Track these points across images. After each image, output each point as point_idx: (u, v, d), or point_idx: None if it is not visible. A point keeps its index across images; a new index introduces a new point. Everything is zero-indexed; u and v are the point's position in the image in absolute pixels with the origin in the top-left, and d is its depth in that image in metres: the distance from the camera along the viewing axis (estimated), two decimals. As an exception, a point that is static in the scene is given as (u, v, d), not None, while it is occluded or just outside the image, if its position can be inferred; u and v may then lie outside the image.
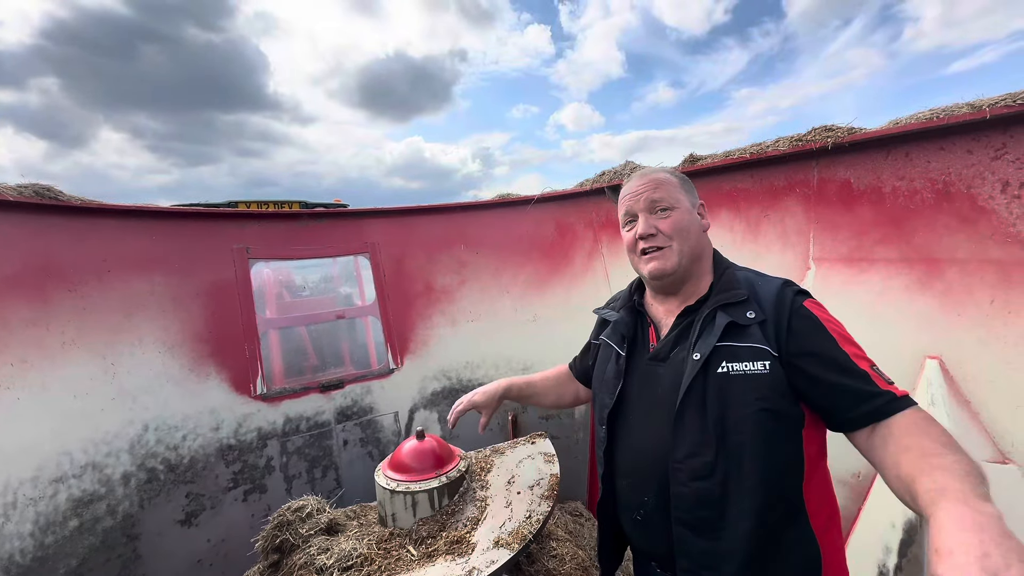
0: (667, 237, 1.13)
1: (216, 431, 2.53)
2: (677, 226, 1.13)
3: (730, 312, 1.05)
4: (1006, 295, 1.59)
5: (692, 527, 1.03)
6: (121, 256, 2.42)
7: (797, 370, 0.98)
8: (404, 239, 3.34)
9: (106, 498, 2.19)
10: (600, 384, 1.29)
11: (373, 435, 3.02)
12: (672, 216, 1.14)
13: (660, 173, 1.20)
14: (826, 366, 0.96)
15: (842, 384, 0.95)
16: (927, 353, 1.76)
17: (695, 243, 1.15)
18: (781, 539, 1.00)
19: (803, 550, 1.01)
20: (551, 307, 3.41)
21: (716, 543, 1.00)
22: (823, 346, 0.98)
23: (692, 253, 1.15)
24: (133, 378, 2.35)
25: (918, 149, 1.79)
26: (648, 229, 1.14)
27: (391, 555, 1.49)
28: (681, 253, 1.13)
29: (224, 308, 2.68)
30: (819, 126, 2.03)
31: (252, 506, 2.58)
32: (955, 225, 1.71)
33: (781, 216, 2.28)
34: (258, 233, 2.91)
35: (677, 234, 1.13)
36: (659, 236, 1.14)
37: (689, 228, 1.15)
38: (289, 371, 3.22)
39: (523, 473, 1.80)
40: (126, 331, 2.37)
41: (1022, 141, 1.54)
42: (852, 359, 0.96)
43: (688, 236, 1.14)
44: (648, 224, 1.14)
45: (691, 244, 1.14)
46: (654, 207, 1.15)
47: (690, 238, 1.14)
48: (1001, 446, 1.59)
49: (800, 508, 1.01)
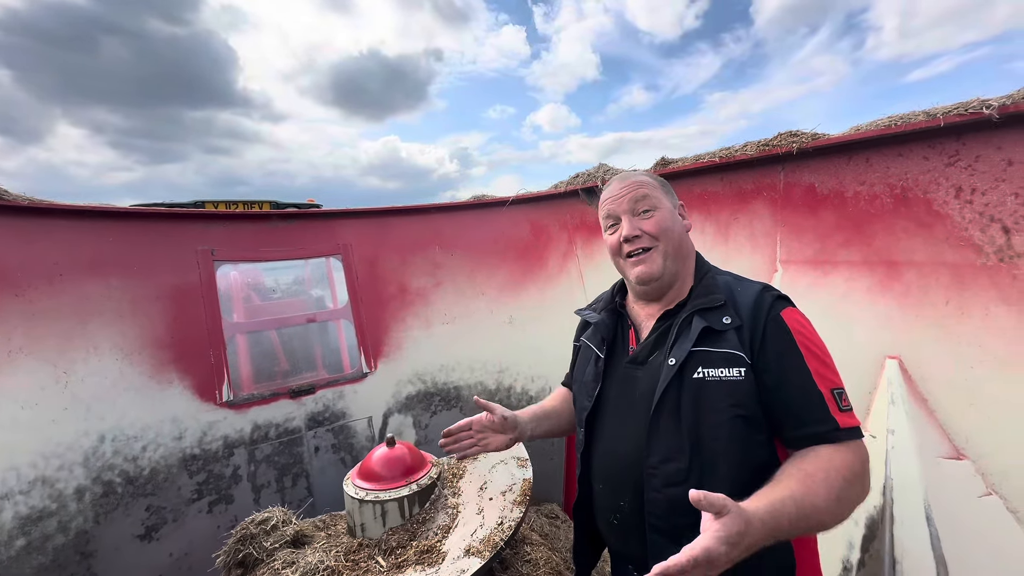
0: (652, 238, 1.13)
1: (179, 440, 2.43)
2: (661, 226, 1.13)
3: (707, 317, 1.05)
4: (960, 296, 1.66)
5: (666, 533, 1.02)
6: (74, 259, 2.30)
7: (761, 379, 0.99)
8: (377, 240, 3.28)
9: (57, 514, 2.07)
10: (580, 386, 1.29)
11: (346, 441, 2.96)
12: (655, 216, 1.14)
13: (639, 175, 1.20)
14: (785, 382, 0.98)
15: (794, 402, 0.97)
16: (887, 353, 1.82)
17: (679, 243, 1.16)
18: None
19: (777, 555, 1.00)
20: (526, 309, 3.40)
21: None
22: (788, 361, 0.99)
23: (677, 253, 1.15)
24: (87, 387, 2.23)
25: (878, 155, 1.85)
26: (633, 231, 1.13)
27: (359, 567, 1.45)
28: (666, 254, 1.13)
29: (187, 312, 2.58)
30: (785, 131, 2.07)
31: (218, 518, 2.49)
32: (913, 229, 1.77)
33: (750, 219, 2.33)
34: (224, 234, 2.81)
35: (662, 234, 1.13)
36: (644, 237, 1.13)
37: (673, 228, 1.15)
38: (258, 376, 3.12)
39: (496, 479, 1.78)
40: (80, 337, 2.25)
41: (973, 149, 1.60)
42: (813, 377, 0.97)
43: (672, 236, 1.14)
44: (632, 226, 1.14)
45: (675, 244, 1.14)
46: (637, 208, 1.15)
47: (674, 238, 1.14)
48: (956, 442, 1.65)
49: None
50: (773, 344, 1.00)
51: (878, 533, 1.68)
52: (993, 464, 1.58)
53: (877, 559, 1.65)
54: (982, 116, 1.50)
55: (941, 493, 1.59)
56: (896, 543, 1.60)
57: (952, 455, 1.65)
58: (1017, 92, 1.48)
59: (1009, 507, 1.54)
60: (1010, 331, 1.54)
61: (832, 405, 0.96)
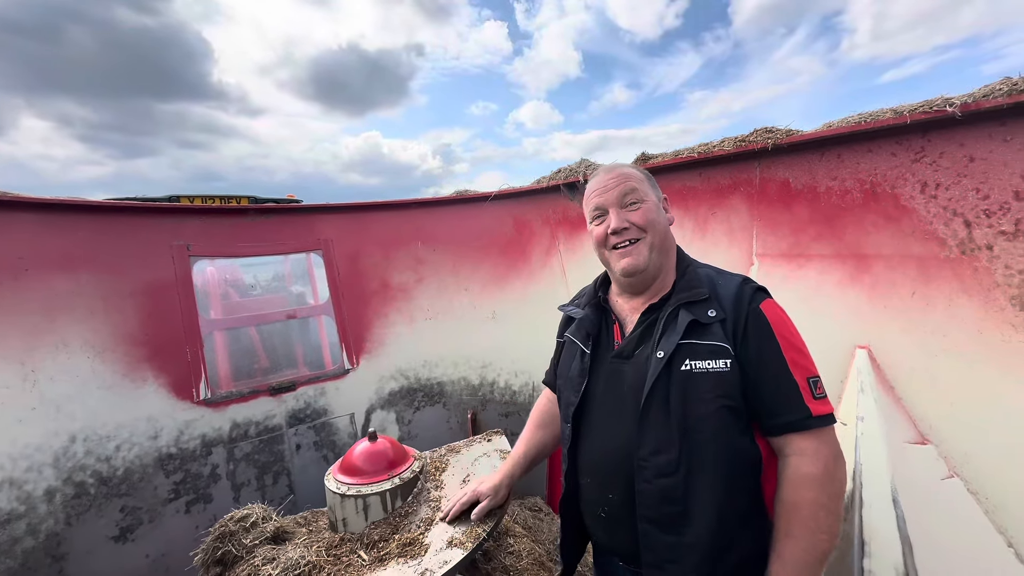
0: (639, 229, 1.14)
1: (154, 440, 2.38)
2: (648, 218, 1.14)
3: (692, 310, 1.07)
4: (925, 288, 1.72)
5: (657, 523, 1.05)
6: (41, 253, 2.23)
7: (743, 370, 1.02)
8: (359, 236, 3.25)
9: (26, 516, 2.01)
10: (565, 382, 1.29)
11: (328, 438, 2.93)
12: (642, 208, 1.15)
13: (627, 168, 1.21)
14: (763, 371, 1.01)
15: (771, 391, 1.01)
16: (857, 343, 1.88)
17: (664, 236, 1.17)
18: (742, 530, 1.03)
19: (764, 536, 1.05)
20: (509, 304, 3.41)
21: (680, 537, 1.03)
22: (767, 351, 1.02)
23: (662, 246, 1.16)
24: (57, 385, 2.17)
25: (849, 151, 1.91)
26: (621, 223, 1.14)
27: (341, 561, 1.44)
28: (652, 246, 1.14)
29: (162, 309, 2.52)
30: (761, 128, 2.12)
31: (196, 517, 2.45)
32: (881, 223, 1.83)
33: (727, 214, 2.37)
34: (200, 229, 2.75)
35: (649, 226, 1.14)
36: (631, 229, 1.14)
37: (659, 221, 1.16)
38: (237, 374, 3.07)
39: (479, 471, 1.79)
40: (48, 334, 2.18)
41: (938, 145, 1.67)
42: (789, 367, 1.01)
43: (659, 229, 1.15)
44: (620, 217, 1.14)
45: (661, 237, 1.16)
46: (625, 201, 1.15)
47: (660, 231, 1.16)
48: (920, 428, 1.72)
49: (759, 500, 1.05)
50: (753, 335, 1.03)
51: (848, 516, 1.74)
52: (955, 448, 1.65)
53: (847, 540, 1.71)
54: (946, 114, 1.56)
55: (907, 477, 1.65)
56: (865, 525, 1.66)
57: (917, 440, 1.72)
58: (979, 91, 1.54)
59: (970, 488, 1.61)
60: (971, 321, 1.61)
61: (806, 393, 0.99)
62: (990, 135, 1.54)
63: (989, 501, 1.58)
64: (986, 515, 1.57)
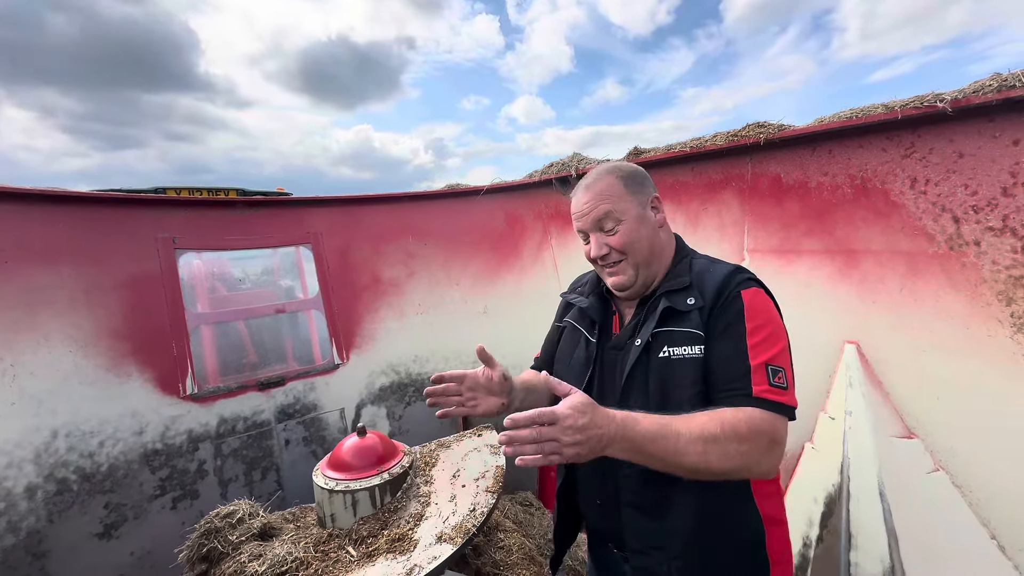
0: (619, 253, 1.14)
1: (139, 435, 2.34)
2: (625, 241, 1.13)
3: (671, 299, 1.09)
4: (913, 283, 1.74)
5: (640, 508, 1.07)
6: (20, 245, 2.17)
7: (710, 347, 1.02)
8: (349, 229, 3.21)
9: (6, 514, 1.97)
10: (566, 369, 1.28)
11: (317, 433, 2.91)
12: (620, 231, 1.13)
13: (602, 180, 1.15)
14: (720, 351, 1.01)
15: (723, 370, 1.00)
16: (846, 338, 1.89)
17: (648, 250, 1.15)
18: (727, 516, 1.04)
19: (749, 526, 1.06)
20: (501, 298, 3.40)
21: (663, 522, 1.04)
22: (729, 332, 1.02)
23: (647, 260, 1.15)
24: (38, 380, 2.12)
25: (840, 146, 1.91)
26: (600, 250, 1.15)
27: (329, 557, 1.43)
28: (636, 265, 1.14)
29: (147, 302, 2.47)
30: (753, 123, 2.11)
31: (182, 514, 2.42)
32: (871, 219, 1.84)
33: (719, 209, 2.37)
34: (187, 222, 2.69)
35: (628, 248, 1.13)
36: (612, 253, 1.15)
37: (639, 239, 1.13)
38: (224, 369, 3.02)
39: (469, 466, 1.78)
40: (28, 329, 2.13)
41: (928, 141, 1.67)
42: (748, 352, 0.99)
43: (639, 247, 1.13)
44: (599, 244, 1.15)
45: (644, 254, 1.14)
46: (602, 226, 1.15)
47: (642, 248, 1.14)
48: (907, 422, 1.74)
49: (744, 488, 1.05)
50: (720, 317, 1.04)
51: (836, 510, 1.76)
52: (940, 442, 1.67)
53: (835, 533, 1.73)
54: (936, 109, 1.56)
55: (893, 470, 1.67)
56: (852, 518, 1.68)
57: (904, 434, 1.73)
58: (969, 87, 1.55)
59: (955, 482, 1.63)
60: (958, 316, 1.63)
61: (758, 377, 0.97)
62: (979, 131, 1.55)
63: (974, 495, 1.60)
64: (970, 508, 1.59)
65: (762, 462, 0.96)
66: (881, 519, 1.62)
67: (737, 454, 0.92)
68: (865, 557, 1.64)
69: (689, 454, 0.91)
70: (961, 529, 1.60)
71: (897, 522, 1.61)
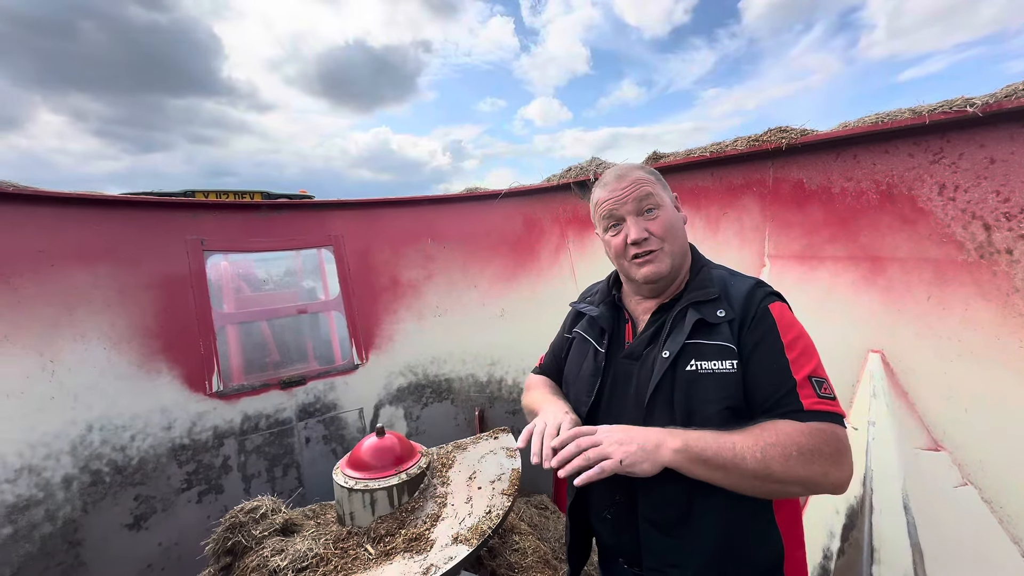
0: (659, 239, 1.10)
1: (168, 430, 2.43)
2: (667, 226, 1.10)
3: (701, 310, 1.05)
4: (941, 292, 1.69)
5: (658, 526, 1.03)
6: (60, 246, 2.28)
7: (746, 365, 1.00)
8: (370, 232, 3.27)
9: (44, 503, 2.07)
10: (575, 380, 1.26)
11: (337, 432, 2.97)
12: (660, 216, 1.11)
13: (637, 171, 1.15)
14: (762, 368, 0.99)
15: (767, 388, 0.98)
16: (870, 347, 1.85)
17: (683, 240, 1.15)
18: (746, 534, 1.01)
19: (768, 544, 1.03)
20: (519, 302, 3.42)
21: (682, 541, 1.01)
22: (767, 348, 1.00)
23: (682, 251, 1.14)
24: (75, 376, 2.22)
25: (865, 152, 1.87)
26: (641, 233, 1.09)
27: (348, 554, 1.46)
28: (673, 254, 1.11)
29: (176, 302, 2.56)
30: (775, 127, 2.09)
31: (207, 507, 2.50)
32: (897, 225, 1.80)
33: (739, 214, 2.35)
34: (214, 224, 2.79)
35: (668, 234, 1.10)
36: (652, 239, 1.10)
37: (677, 227, 1.13)
38: (248, 367, 3.11)
39: (485, 468, 1.80)
40: (66, 326, 2.23)
41: (957, 146, 1.63)
42: (790, 366, 0.97)
43: (677, 235, 1.12)
44: (639, 228, 1.10)
45: (680, 242, 1.13)
46: (641, 208, 1.11)
47: (679, 237, 1.13)
48: (934, 434, 1.69)
49: (765, 504, 1.02)
50: (755, 333, 1.01)
51: (858, 522, 1.72)
52: (969, 455, 1.62)
53: (856, 547, 1.69)
54: (966, 114, 1.52)
55: (919, 483, 1.63)
56: (874, 531, 1.64)
57: (930, 446, 1.69)
58: (1000, 91, 1.50)
59: (984, 497, 1.58)
60: (988, 326, 1.58)
61: (806, 391, 0.96)
62: (1012, 136, 1.50)
63: (1004, 510, 1.55)
64: (1000, 524, 1.54)
65: (830, 473, 0.92)
66: (905, 533, 1.58)
67: (800, 462, 0.90)
68: (888, 572, 1.60)
69: (748, 459, 0.89)
70: (990, 546, 1.54)
71: (922, 537, 1.57)
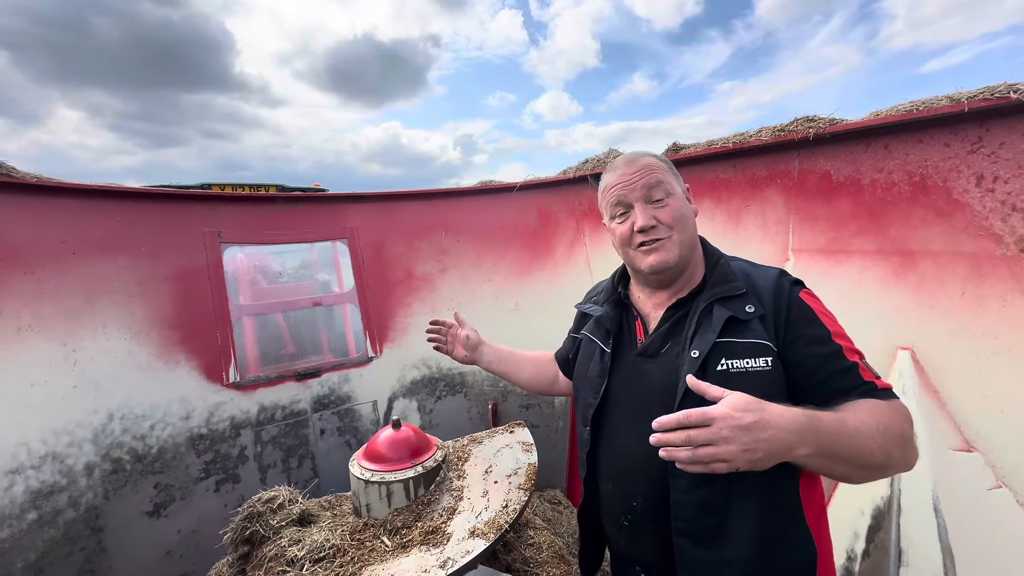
0: (668, 228, 1.06)
1: (186, 420, 2.46)
2: (676, 215, 1.06)
3: (729, 306, 1.00)
4: (977, 288, 1.62)
5: (694, 536, 0.98)
6: (82, 238, 2.31)
7: (789, 356, 0.96)
8: (384, 225, 3.27)
9: (68, 489, 2.11)
10: (583, 382, 1.23)
11: (351, 424, 2.98)
12: (670, 204, 1.07)
13: (649, 157, 1.11)
14: (815, 352, 0.95)
15: (826, 371, 0.95)
16: (899, 344, 1.79)
17: (693, 232, 1.11)
18: (782, 541, 0.98)
19: (802, 549, 0.99)
20: (533, 295, 3.39)
21: (719, 552, 0.96)
22: (816, 335, 0.97)
23: (691, 242, 1.10)
24: (96, 365, 2.25)
25: (897, 141, 1.80)
26: (649, 220, 1.05)
27: (364, 546, 1.46)
28: (682, 244, 1.06)
29: (195, 294, 2.59)
30: (801, 117, 2.02)
31: (224, 496, 2.53)
32: (930, 218, 1.73)
33: (762, 206, 2.29)
34: (231, 217, 2.80)
35: (677, 223, 1.06)
36: (660, 227, 1.05)
37: (687, 216, 1.09)
38: (264, 359, 3.14)
39: (501, 462, 1.78)
40: (88, 316, 2.27)
41: (997, 135, 1.56)
42: (844, 352, 0.95)
43: (687, 225, 1.08)
44: (647, 215, 1.05)
45: (690, 233, 1.09)
46: (651, 196, 1.07)
47: (688, 227, 1.09)
48: (966, 434, 1.63)
49: (797, 507, 0.98)
50: (798, 323, 0.98)
51: (884, 524, 1.67)
52: (1004, 457, 1.56)
53: (882, 549, 1.64)
54: (1009, 101, 1.45)
55: (950, 485, 1.58)
56: (903, 533, 1.59)
57: (962, 447, 1.63)
58: (1046, 76, 1.43)
59: (1019, 500, 1.52)
60: (1027, 323, 1.51)
61: (865, 372, 0.94)
62: (1058, 124, 1.43)
63: (1041, 514, 1.49)
64: (1037, 529, 1.49)
65: (911, 452, 0.91)
66: (936, 536, 1.53)
67: (899, 444, 0.88)
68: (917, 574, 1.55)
69: (873, 449, 0.84)
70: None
71: (954, 540, 1.52)
